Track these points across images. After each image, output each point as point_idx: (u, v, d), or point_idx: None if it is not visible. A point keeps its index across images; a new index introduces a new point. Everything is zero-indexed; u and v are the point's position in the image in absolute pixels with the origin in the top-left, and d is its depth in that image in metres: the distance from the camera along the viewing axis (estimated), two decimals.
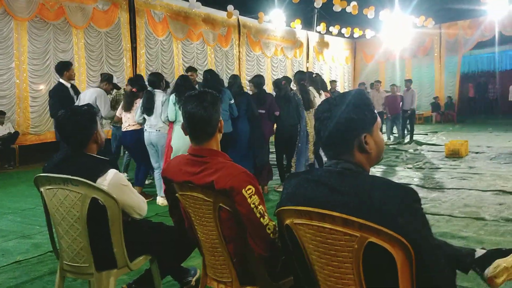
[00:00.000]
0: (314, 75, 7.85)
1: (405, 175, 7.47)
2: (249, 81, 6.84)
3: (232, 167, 1.96)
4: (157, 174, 5.69)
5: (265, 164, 6.45)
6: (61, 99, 6.07)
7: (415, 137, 12.67)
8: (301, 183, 1.52)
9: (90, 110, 2.47)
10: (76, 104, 5.81)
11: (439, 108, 19.16)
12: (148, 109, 5.53)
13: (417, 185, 6.50)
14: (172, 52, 13.63)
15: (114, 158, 7.05)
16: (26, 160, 9.61)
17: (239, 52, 16.29)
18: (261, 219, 1.87)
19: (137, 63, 12.41)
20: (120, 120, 6.25)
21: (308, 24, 19.68)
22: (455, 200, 5.53)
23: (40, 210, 5.31)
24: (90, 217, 2.24)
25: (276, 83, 6.77)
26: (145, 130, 5.63)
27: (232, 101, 5.84)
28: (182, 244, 2.56)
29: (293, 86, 7.14)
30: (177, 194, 2.12)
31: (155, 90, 5.72)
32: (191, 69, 7.93)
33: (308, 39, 19.96)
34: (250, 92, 6.58)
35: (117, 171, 2.35)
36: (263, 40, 17.32)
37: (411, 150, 10.39)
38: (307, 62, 20.07)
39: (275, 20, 16.79)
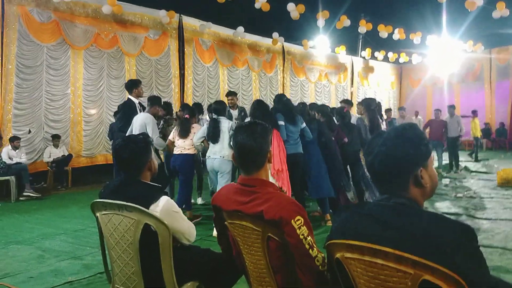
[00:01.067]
0: (377, 102, 7.95)
1: (455, 204, 7.20)
2: (316, 111, 6.91)
3: (282, 198, 1.98)
4: None
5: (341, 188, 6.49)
6: (128, 113, 6.26)
7: (465, 164, 12.25)
8: (352, 217, 1.51)
9: (145, 139, 2.58)
10: (130, 127, 5.97)
11: (490, 135, 18.44)
12: (214, 137, 5.67)
13: (468, 215, 6.25)
14: (218, 78, 13.96)
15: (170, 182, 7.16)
16: (78, 181, 10.03)
17: (283, 77, 16.46)
18: (310, 250, 1.87)
19: (185, 88, 12.79)
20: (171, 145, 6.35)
21: (352, 50, 19.69)
22: (509, 231, 5.29)
23: (91, 231, 5.53)
24: (142, 242, 2.30)
25: (339, 111, 6.99)
26: (208, 157, 5.78)
27: (304, 125, 5.94)
28: (229, 272, 2.58)
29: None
30: (226, 223, 2.16)
31: (220, 117, 5.91)
32: (231, 93, 8.08)
33: (352, 64, 19.91)
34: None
35: (169, 198, 2.42)
36: (307, 65, 17.44)
37: (461, 178, 10.02)
38: (352, 87, 19.97)
39: (320, 46, 16.93)
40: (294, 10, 11.90)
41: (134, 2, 12.13)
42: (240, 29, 13.29)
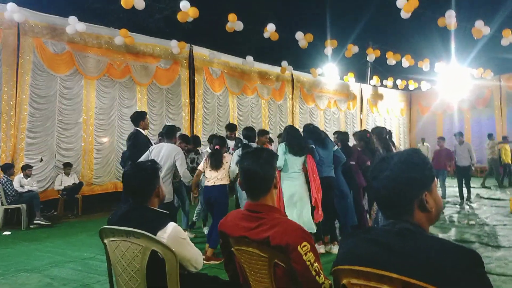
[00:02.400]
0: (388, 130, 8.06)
1: (467, 231, 7.08)
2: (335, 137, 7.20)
3: (288, 224, 1.98)
4: None
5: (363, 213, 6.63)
6: (137, 143, 6.22)
7: (477, 191, 12.06)
8: (359, 243, 1.51)
9: (154, 166, 2.62)
10: (151, 157, 5.80)
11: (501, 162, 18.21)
12: None
13: (480, 243, 6.14)
14: (228, 106, 14.10)
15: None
16: (88, 209, 10.05)
17: (293, 105, 16.57)
18: (317, 277, 1.86)
19: (195, 117, 12.93)
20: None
21: (361, 77, 19.83)
22: None
23: (100, 259, 5.52)
24: (149, 269, 2.30)
25: (361, 136, 7.21)
26: None
27: (336, 147, 6.20)
28: None
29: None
30: (232, 249, 2.16)
31: (251, 143, 6.04)
32: (233, 128, 8.05)
33: (361, 91, 20.00)
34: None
35: (176, 224, 2.43)
36: (316, 93, 17.56)
37: (473, 205, 9.87)
38: (361, 114, 20.01)
39: (328, 74, 17.08)
40: (302, 39, 12.08)
41: (146, 33, 12.44)
42: (249, 58, 13.49)
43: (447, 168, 10.66)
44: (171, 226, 2.38)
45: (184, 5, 9.70)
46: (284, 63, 14.55)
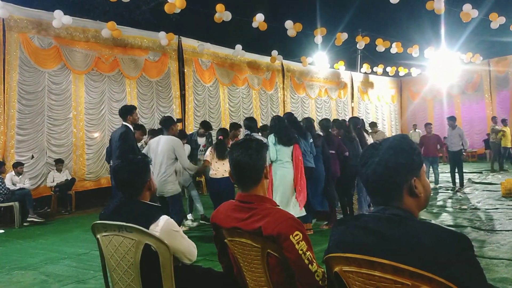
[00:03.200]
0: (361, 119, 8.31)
1: (460, 216, 7.16)
2: (319, 125, 7.26)
3: (279, 213, 1.98)
4: None
5: (335, 201, 6.79)
6: (128, 142, 6.06)
7: (469, 176, 12.17)
8: (349, 230, 1.51)
9: (144, 159, 2.61)
10: (151, 151, 5.75)
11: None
12: None
13: (473, 227, 6.20)
14: (219, 97, 14.06)
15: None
16: (82, 205, 10.03)
17: (284, 95, 16.56)
18: (310, 265, 1.86)
19: (186, 109, 12.88)
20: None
21: (351, 65, 19.85)
22: None
23: (94, 254, 5.51)
24: (143, 263, 2.30)
25: (341, 124, 7.28)
26: None
27: (311, 140, 6.27)
28: None
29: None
30: (225, 240, 2.16)
31: (253, 134, 6.10)
32: (204, 125, 8.00)
33: (352, 79, 20.03)
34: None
35: (168, 217, 2.43)
36: (306, 82, 17.56)
37: (465, 190, 9.96)
38: (352, 102, 20.05)
39: (319, 62, 17.07)
40: (291, 28, 12.02)
41: (133, 25, 12.33)
42: (239, 47, 13.43)
43: (437, 155, 10.54)
44: (163, 219, 2.38)
45: None
46: (274, 53, 14.50)
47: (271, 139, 5.84)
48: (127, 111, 6.24)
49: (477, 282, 1.29)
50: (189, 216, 7.49)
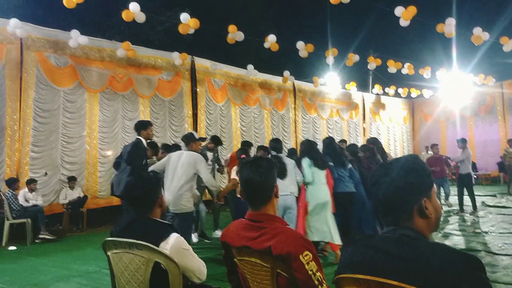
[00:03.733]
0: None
1: (473, 240, 7.04)
2: (346, 149, 7.52)
3: (289, 233, 1.98)
4: None
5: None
6: (142, 152, 6.18)
7: (483, 199, 11.98)
8: (359, 250, 1.51)
9: (157, 176, 2.64)
10: (170, 165, 5.72)
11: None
12: (282, 173, 5.81)
13: (486, 251, 6.09)
14: (231, 117, 14.14)
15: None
16: (93, 223, 10.06)
17: (295, 115, 16.59)
18: (319, 286, 1.85)
19: (198, 128, 12.95)
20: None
21: (363, 86, 19.86)
22: None
23: (105, 273, 5.51)
24: (153, 281, 2.30)
25: (366, 147, 7.35)
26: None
27: (350, 166, 6.44)
28: None
29: None
30: (235, 259, 2.16)
31: (279, 154, 6.17)
32: (215, 140, 8.10)
33: (363, 100, 20.03)
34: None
35: (179, 235, 2.43)
36: (318, 102, 17.59)
37: (479, 213, 9.80)
38: (364, 123, 20.01)
39: (330, 83, 17.13)
40: (303, 49, 12.12)
41: (148, 45, 12.53)
42: (251, 68, 13.55)
43: (446, 174, 10.32)
44: (174, 237, 2.39)
45: (185, 17, 9.78)
46: (286, 73, 14.60)
47: (306, 161, 5.99)
48: (141, 126, 6.30)
49: None
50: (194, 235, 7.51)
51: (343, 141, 10.95)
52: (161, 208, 2.61)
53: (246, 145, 7.70)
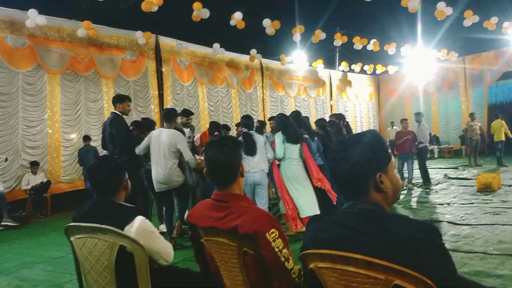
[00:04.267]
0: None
1: (435, 211, 7.28)
2: (316, 125, 7.40)
3: (256, 211, 1.97)
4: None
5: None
6: (124, 126, 5.91)
7: (445, 171, 12.36)
8: (323, 226, 1.52)
9: (120, 159, 2.57)
10: (152, 144, 5.65)
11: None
12: (251, 150, 5.78)
13: (448, 222, 6.31)
14: (198, 96, 13.98)
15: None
16: (58, 208, 9.83)
17: (263, 93, 16.57)
18: (286, 263, 1.86)
19: (164, 108, 12.74)
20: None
21: (330, 63, 19.95)
22: (489, 236, 5.33)
23: (70, 258, 5.34)
24: (118, 265, 2.26)
25: (333, 123, 7.36)
26: (247, 171, 5.74)
27: (316, 139, 6.48)
28: None
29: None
30: (202, 240, 2.14)
31: (250, 131, 6.08)
32: (190, 113, 7.76)
33: (330, 77, 20.18)
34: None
35: (144, 218, 2.39)
36: (286, 80, 17.61)
37: (442, 186, 10.12)
38: (331, 100, 20.20)
39: (297, 61, 17.12)
40: (269, 26, 12.03)
41: (111, 24, 12.14)
42: (217, 46, 13.37)
43: (412, 151, 10.20)
44: (139, 219, 2.34)
45: None
46: (253, 51, 14.50)
47: (279, 137, 5.92)
48: (118, 99, 6.09)
49: (447, 270, 1.31)
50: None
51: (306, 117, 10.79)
52: (126, 191, 2.55)
53: (215, 126, 7.57)
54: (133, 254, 2.25)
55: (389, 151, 1.54)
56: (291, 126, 6.07)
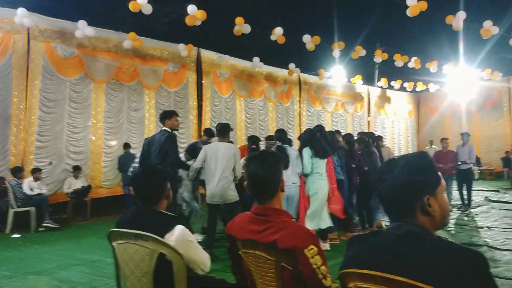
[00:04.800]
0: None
1: (476, 235, 7.04)
2: (343, 139, 7.56)
3: (295, 226, 1.99)
4: None
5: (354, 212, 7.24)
6: (176, 145, 6.04)
7: (486, 194, 11.94)
8: (365, 246, 1.51)
9: (163, 169, 2.64)
10: (209, 158, 5.70)
11: (511, 163, 18.00)
12: (285, 164, 5.85)
13: (489, 246, 6.09)
14: (235, 109, 14.13)
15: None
16: (97, 212, 10.11)
17: (300, 107, 16.57)
18: (324, 280, 1.86)
19: (202, 119, 12.96)
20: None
21: (369, 79, 19.77)
22: None
23: (108, 262, 5.54)
24: (157, 272, 2.32)
25: (363, 140, 7.48)
26: None
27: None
28: None
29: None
30: (240, 252, 2.16)
31: (284, 144, 6.24)
32: (209, 133, 7.72)
33: (369, 93, 19.96)
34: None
35: (184, 227, 2.44)
36: (323, 95, 17.55)
37: (482, 208, 9.78)
38: (369, 116, 19.95)
39: (336, 76, 17.05)
40: (309, 42, 12.07)
41: (154, 37, 12.50)
42: (256, 59, 13.52)
43: (452, 172, 9.82)
44: (179, 228, 2.39)
45: (192, 9, 9.75)
46: (292, 66, 14.56)
47: (307, 151, 6.02)
48: (166, 116, 6.15)
49: None
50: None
51: (337, 132, 10.45)
52: (168, 200, 2.62)
53: (254, 139, 7.64)
54: (172, 262, 2.30)
55: (439, 174, 1.52)
56: (319, 141, 6.13)
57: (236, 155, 5.69)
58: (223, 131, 5.92)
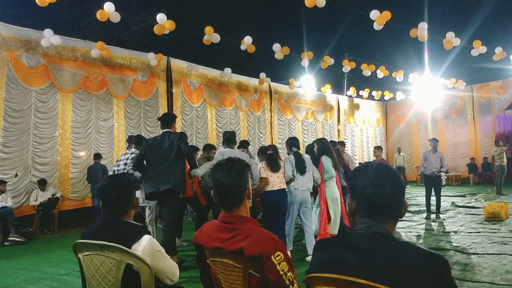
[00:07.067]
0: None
1: (443, 239, 7.21)
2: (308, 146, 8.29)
3: (261, 233, 2.00)
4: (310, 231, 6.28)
5: None
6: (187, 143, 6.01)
7: (454, 199, 12.26)
8: (331, 249, 1.54)
9: (132, 177, 2.61)
10: (219, 160, 5.74)
11: (477, 170, 18.62)
12: (302, 169, 6.23)
13: (455, 250, 6.25)
14: (206, 118, 14.10)
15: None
16: (65, 225, 9.88)
17: (271, 116, 16.67)
18: (290, 286, 1.88)
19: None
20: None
21: (338, 88, 20.12)
22: (496, 266, 5.28)
23: (76, 275, 5.42)
24: (124, 283, 2.29)
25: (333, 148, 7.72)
26: (295, 189, 6.25)
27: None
28: None
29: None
30: (207, 260, 2.17)
31: (299, 151, 6.53)
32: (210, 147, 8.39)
33: (338, 102, 20.27)
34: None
35: (151, 236, 2.43)
36: (294, 104, 17.72)
37: (448, 214, 10.05)
38: (338, 125, 20.25)
39: (306, 85, 17.27)
40: (279, 51, 12.20)
41: (123, 45, 12.40)
42: (227, 69, 13.57)
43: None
44: (146, 238, 2.38)
45: (161, 17, 9.72)
46: (262, 75, 14.67)
47: (327, 159, 6.50)
48: (172, 118, 6.28)
49: None
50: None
51: (342, 143, 10.40)
52: (135, 210, 2.59)
53: (246, 144, 8.17)
54: (139, 273, 2.28)
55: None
56: (332, 151, 6.69)
57: (251, 162, 6.12)
58: (230, 140, 6.45)
